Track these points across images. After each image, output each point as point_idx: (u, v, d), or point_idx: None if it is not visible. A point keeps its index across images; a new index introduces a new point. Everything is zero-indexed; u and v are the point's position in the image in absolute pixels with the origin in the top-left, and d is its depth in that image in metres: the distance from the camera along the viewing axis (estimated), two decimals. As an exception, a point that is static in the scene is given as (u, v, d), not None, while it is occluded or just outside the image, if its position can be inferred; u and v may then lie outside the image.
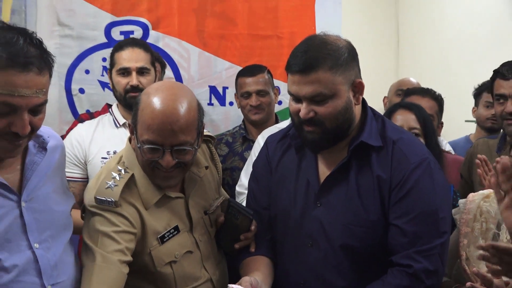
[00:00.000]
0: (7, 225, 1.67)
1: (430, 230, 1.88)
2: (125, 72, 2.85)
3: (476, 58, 5.33)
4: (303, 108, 1.91)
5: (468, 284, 1.80)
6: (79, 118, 3.25)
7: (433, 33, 6.30)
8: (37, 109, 1.65)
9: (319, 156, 2.06)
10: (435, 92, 3.31)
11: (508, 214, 1.60)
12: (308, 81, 1.88)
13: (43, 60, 1.63)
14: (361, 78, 1.98)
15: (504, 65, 2.80)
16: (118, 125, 2.91)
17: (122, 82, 2.85)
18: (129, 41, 3.05)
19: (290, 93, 1.96)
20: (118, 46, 2.95)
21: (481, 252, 1.55)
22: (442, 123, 3.23)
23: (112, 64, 2.91)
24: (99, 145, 2.84)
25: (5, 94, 1.56)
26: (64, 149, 1.98)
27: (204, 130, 2.11)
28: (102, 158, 2.80)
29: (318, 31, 3.59)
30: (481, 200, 2.11)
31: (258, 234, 2.14)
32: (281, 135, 2.20)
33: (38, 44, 1.64)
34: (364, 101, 2.03)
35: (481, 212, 2.08)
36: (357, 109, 2.00)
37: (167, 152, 1.90)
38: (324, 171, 2.04)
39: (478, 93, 3.87)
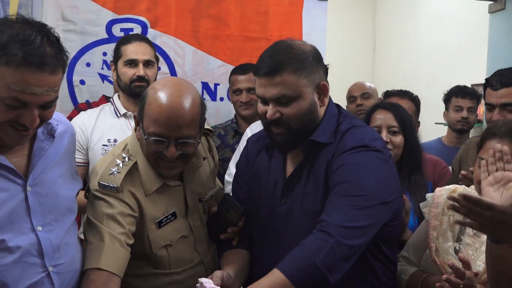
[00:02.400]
0: (12, 208, 1.64)
1: (342, 198, 1.81)
2: (132, 63, 2.84)
3: (446, 67, 5.38)
4: (269, 110, 1.90)
5: (444, 277, 1.81)
6: (77, 107, 3.23)
7: (406, 44, 6.36)
8: (48, 105, 1.62)
9: (288, 156, 2.05)
10: (412, 94, 3.33)
11: (488, 190, 1.62)
12: (273, 84, 1.86)
13: (57, 59, 1.58)
14: (326, 81, 1.95)
15: (495, 74, 2.79)
16: (119, 115, 2.88)
17: (128, 72, 2.83)
18: (134, 36, 3.05)
19: (257, 95, 1.95)
20: (125, 40, 2.94)
21: (450, 202, 1.56)
22: (419, 122, 3.25)
23: (118, 56, 2.88)
24: (100, 133, 2.82)
25: (17, 91, 1.52)
26: (73, 135, 1.95)
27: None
28: (103, 145, 2.77)
29: (304, 35, 3.62)
30: (448, 195, 2.09)
31: (242, 227, 2.13)
32: (258, 136, 2.19)
33: (55, 43, 1.59)
34: (330, 101, 2.01)
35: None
36: (322, 110, 1.97)
37: (171, 144, 1.89)
38: (290, 171, 2.02)
39: (447, 98, 3.90)
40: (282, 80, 1.85)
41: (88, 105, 3.20)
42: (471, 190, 2.08)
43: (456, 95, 3.83)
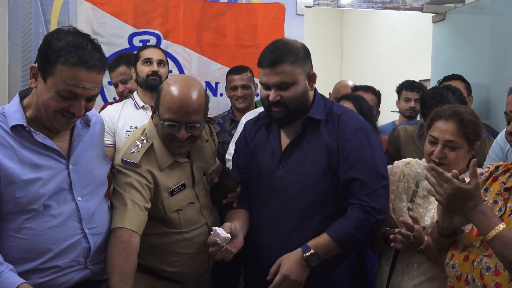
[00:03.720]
0: (58, 182, 1.67)
1: (372, 177, 1.89)
2: (148, 61, 2.83)
3: (399, 66, 5.40)
4: (271, 93, 1.92)
5: (397, 230, 1.84)
6: (103, 106, 3.18)
7: (367, 47, 6.36)
8: (92, 98, 1.66)
9: (282, 131, 2.06)
10: (375, 89, 3.34)
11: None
12: (275, 73, 1.89)
13: (102, 63, 1.63)
14: (313, 71, 1.99)
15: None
16: (138, 107, 2.87)
17: (145, 69, 2.82)
18: (149, 45, 3.09)
19: (261, 83, 1.97)
20: (143, 47, 2.96)
21: (426, 171, 1.57)
22: (379, 112, 3.25)
23: (137, 58, 2.87)
24: (123, 121, 2.81)
25: (72, 85, 1.57)
26: (103, 124, 1.96)
27: None
28: (126, 131, 2.77)
29: (286, 43, 3.62)
30: (403, 166, 2.11)
31: (239, 192, 2.14)
32: (255, 120, 2.20)
33: (100, 49, 1.64)
34: (315, 88, 2.05)
35: (403, 175, 2.08)
36: (311, 94, 2.00)
37: (182, 128, 1.90)
38: (285, 142, 2.03)
39: (399, 91, 3.88)
40: (282, 69, 1.88)
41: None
42: (423, 162, 2.08)
43: (406, 88, 3.81)
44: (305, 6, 3.74)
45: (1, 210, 1.59)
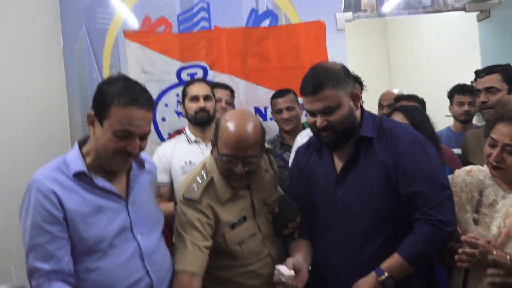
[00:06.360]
0: (120, 222, 1.72)
1: (434, 189, 1.80)
2: (195, 98, 2.87)
3: (447, 68, 5.22)
4: (318, 120, 1.88)
5: (460, 250, 1.75)
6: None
7: (413, 53, 6.21)
8: (145, 136, 1.71)
9: (334, 153, 2.01)
10: (418, 96, 3.23)
11: None
12: (318, 99, 1.85)
13: (150, 102, 1.71)
14: (356, 90, 1.94)
15: (483, 68, 2.77)
16: (191, 142, 2.91)
17: (193, 106, 2.87)
18: (195, 79, 3.10)
19: (306, 110, 1.93)
20: (188, 83, 3.00)
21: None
22: None
23: (184, 95, 2.92)
24: (178, 156, 2.85)
25: (126, 124, 1.64)
26: (156, 172, 2.01)
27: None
28: (181, 166, 2.80)
29: (330, 59, 3.56)
30: (465, 174, 2.00)
31: (299, 222, 2.10)
32: (306, 146, 2.17)
33: (147, 90, 1.73)
34: (361, 105, 1.99)
35: (465, 184, 1.97)
36: (357, 113, 1.95)
37: (239, 163, 1.90)
38: (339, 164, 1.98)
39: (450, 95, 3.74)
40: (324, 95, 1.84)
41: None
42: (485, 169, 1.97)
43: (458, 92, 3.67)
44: (345, 21, 3.67)
45: (73, 251, 1.65)
